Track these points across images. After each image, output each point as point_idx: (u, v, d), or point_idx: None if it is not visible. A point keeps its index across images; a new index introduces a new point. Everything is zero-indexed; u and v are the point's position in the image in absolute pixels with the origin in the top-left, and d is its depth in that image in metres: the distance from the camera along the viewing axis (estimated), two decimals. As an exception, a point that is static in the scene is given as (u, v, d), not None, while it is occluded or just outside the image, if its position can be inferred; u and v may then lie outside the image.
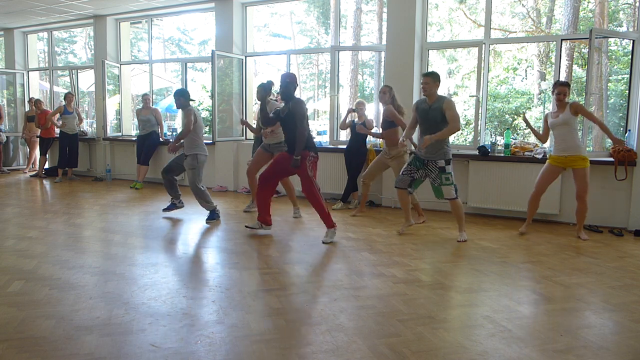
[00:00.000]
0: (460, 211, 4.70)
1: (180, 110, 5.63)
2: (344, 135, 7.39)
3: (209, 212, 5.46)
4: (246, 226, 4.96)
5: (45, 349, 2.43)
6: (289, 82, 4.58)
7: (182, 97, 5.42)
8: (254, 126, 6.08)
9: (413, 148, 5.36)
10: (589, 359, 2.41)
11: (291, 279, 3.59)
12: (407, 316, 2.88)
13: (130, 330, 2.64)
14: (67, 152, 8.69)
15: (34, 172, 9.48)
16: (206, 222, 5.38)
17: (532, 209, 5.03)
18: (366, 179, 5.84)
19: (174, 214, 5.80)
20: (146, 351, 2.42)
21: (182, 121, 5.55)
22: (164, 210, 5.78)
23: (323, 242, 4.57)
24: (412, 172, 4.74)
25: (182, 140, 5.44)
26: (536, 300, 3.22)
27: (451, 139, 4.76)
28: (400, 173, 4.84)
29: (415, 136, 5.22)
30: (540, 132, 5.07)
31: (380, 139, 6.04)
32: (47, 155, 9.32)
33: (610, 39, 11.50)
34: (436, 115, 4.51)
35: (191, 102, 5.53)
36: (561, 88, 4.73)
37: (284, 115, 4.61)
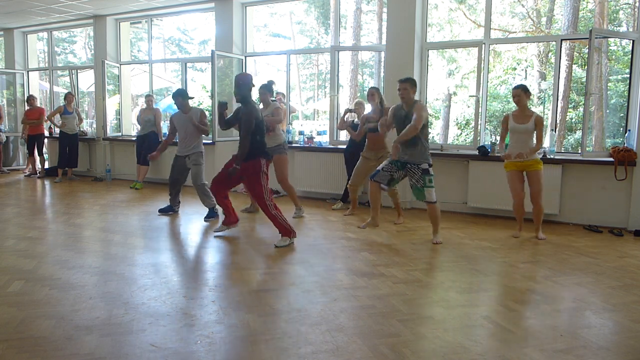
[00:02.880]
0: (438, 214, 4.67)
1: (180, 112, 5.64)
2: (344, 135, 7.39)
3: (208, 210, 5.51)
4: (215, 232, 4.88)
5: (45, 349, 2.43)
6: (242, 83, 4.43)
7: (180, 97, 5.49)
8: None
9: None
10: (589, 359, 2.41)
11: (291, 279, 3.59)
12: (407, 316, 2.88)
13: (130, 330, 2.64)
14: (67, 152, 8.69)
15: (27, 173, 9.42)
16: (205, 220, 5.44)
17: (519, 215, 5.00)
18: (353, 185, 5.78)
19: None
20: (146, 351, 2.42)
21: (179, 122, 5.53)
22: (160, 210, 5.80)
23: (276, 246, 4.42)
24: (392, 171, 4.68)
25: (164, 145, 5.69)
26: (536, 300, 3.22)
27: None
28: (381, 168, 4.76)
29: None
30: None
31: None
32: (44, 154, 9.34)
33: (610, 39, 11.51)
34: (407, 121, 4.53)
35: (190, 101, 5.57)
36: (515, 91, 4.79)
37: (237, 117, 4.50)
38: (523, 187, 4.88)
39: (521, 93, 4.75)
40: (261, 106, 5.67)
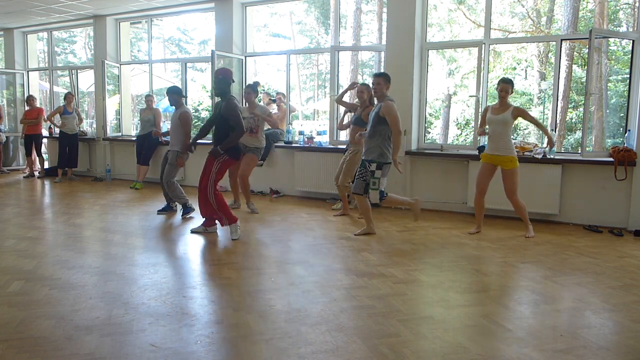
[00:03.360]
0: (369, 207, 4.74)
1: (174, 109, 5.65)
2: (344, 135, 7.39)
3: (182, 207, 5.65)
4: (191, 230, 4.92)
5: (45, 349, 2.43)
6: (222, 78, 4.50)
7: (176, 94, 5.50)
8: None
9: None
10: (589, 359, 2.41)
11: (291, 279, 3.59)
12: (407, 316, 2.88)
13: (130, 330, 2.64)
14: (67, 152, 8.69)
15: (26, 174, 9.40)
16: (182, 217, 5.53)
17: (479, 210, 5.06)
18: (337, 181, 5.78)
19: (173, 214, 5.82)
20: (146, 351, 2.42)
21: (174, 120, 5.54)
22: (159, 211, 5.81)
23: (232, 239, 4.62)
24: (365, 177, 4.69)
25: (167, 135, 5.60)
26: (536, 300, 3.22)
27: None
28: (356, 178, 4.80)
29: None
30: (487, 137, 5.15)
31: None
32: (42, 154, 9.33)
33: (610, 39, 11.51)
34: (375, 114, 4.60)
35: (184, 99, 5.60)
36: (503, 85, 4.76)
37: (218, 111, 4.57)
38: (488, 183, 4.94)
39: (509, 88, 4.76)
40: (245, 105, 5.71)
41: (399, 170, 4.61)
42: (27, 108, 9.33)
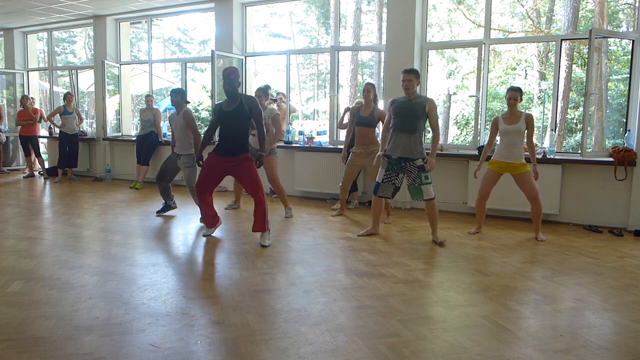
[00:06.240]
0: (437, 211, 4.62)
1: (174, 111, 5.59)
2: (344, 135, 7.40)
3: (166, 205, 5.74)
4: (203, 234, 4.85)
5: (45, 349, 2.43)
6: (233, 77, 4.39)
7: (180, 95, 5.45)
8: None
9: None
10: (589, 359, 2.41)
11: (291, 279, 3.59)
12: (407, 316, 2.88)
13: (130, 330, 2.64)
14: (67, 152, 8.68)
15: (26, 174, 9.38)
16: (200, 221, 5.42)
17: (480, 213, 5.05)
18: (344, 185, 5.76)
19: (173, 213, 5.81)
20: (146, 351, 2.42)
21: (178, 122, 5.49)
22: (158, 212, 5.80)
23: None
24: (393, 179, 4.62)
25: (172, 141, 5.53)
26: (536, 300, 3.22)
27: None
28: (381, 180, 4.68)
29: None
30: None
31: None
32: (41, 154, 9.33)
33: (610, 39, 11.52)
34: (417, 109, 4.48)
35: (187, 104, 5.56)
36: (511, 93, 4.72)
37: (230, 110, 4.39)
38: (490, 190, 4.92)
39: (518, 96, 4.73)
40: None
41: (431, 168, 4.52)
42: (20, 108, 9.31)
